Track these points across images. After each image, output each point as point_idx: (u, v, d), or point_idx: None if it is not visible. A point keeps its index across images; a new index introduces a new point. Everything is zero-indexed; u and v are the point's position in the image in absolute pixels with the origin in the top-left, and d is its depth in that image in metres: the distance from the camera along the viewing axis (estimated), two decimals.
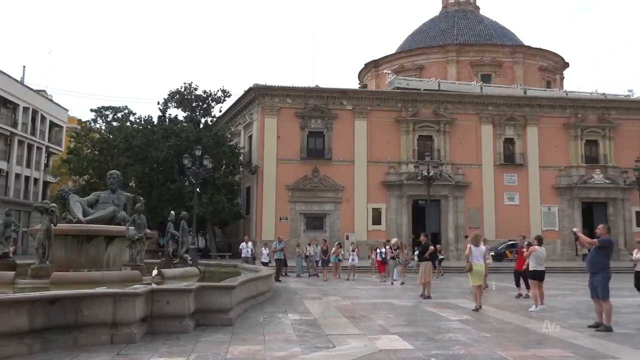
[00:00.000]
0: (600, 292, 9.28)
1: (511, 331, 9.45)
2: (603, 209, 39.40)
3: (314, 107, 37.40)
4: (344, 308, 12.47)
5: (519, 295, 14.62)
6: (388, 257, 21.23)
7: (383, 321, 10.31)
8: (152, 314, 8.35)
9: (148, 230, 12.42)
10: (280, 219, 36.05)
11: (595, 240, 9.62)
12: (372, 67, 52.79)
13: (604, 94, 41.50)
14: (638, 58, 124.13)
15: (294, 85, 37.92)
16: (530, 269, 12.54)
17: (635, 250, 12.92)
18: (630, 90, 42.15)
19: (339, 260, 22.53)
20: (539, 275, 12.32)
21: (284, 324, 9.88)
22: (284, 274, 22.57)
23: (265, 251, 23.10)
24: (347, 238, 34.92)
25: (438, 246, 30.01)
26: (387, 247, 21.44)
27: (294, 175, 36.46)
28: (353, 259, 23.11)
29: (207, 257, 33.86)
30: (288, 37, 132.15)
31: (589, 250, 10.09)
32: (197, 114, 38.20)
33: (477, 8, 56.24)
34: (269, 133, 36.89)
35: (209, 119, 39.19)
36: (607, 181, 38.61)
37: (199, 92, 37.68)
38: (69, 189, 12.89)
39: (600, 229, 9.85)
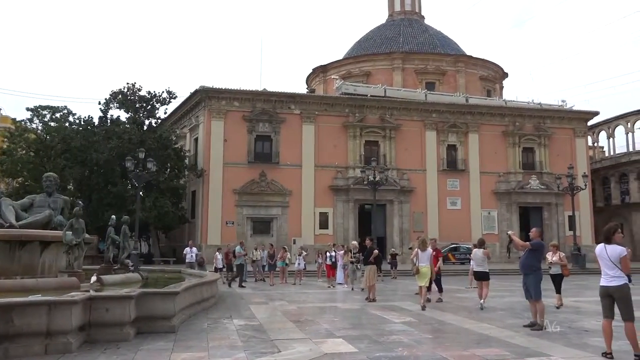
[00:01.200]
0: (532, 292, 9.74)
1: (452, 332, 9.73)
2: (539, 213, 41.31)
3: (261, 110, 37.23)
4: (290, 312, 12.45)
5: (439, 300, 14.48)
6: (341, 262, 21.25)
7: (329, 325, 10.36)
8: (91, 322, 8.04)
9: (87, 235, 11.94)
10: (227, 223, 35.62)
11: (527, 243, 10.10)
12: (320, 72, 53.18)
13: (539, 103, 43.52)
14: (571, 70, 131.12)
15: (241, 89, 37.62)
16: (474, 270, 13.86)
17: (550, 254, 13.63)
18: (563, 101, 44.48)
19: (286, 264, 22.49)
20: (478, 275, 13.63)
21: (229, 329, 9.76)
22: (231, 279, 22.29)
23: (219, 256, 22.79)
24: (294, 242, 34.95)
25: (392, 250, 30.54)
26: (341, 251, 21.37)
27: (241, 179, 36.13)
28: (299, 263, 23.13)
29: (150, 262, 32.97)
30: (236, 41, 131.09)
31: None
32: (141, 115, 37.17)
33: (422, 17, 57.80)
34: (215, 136, 36.40)
35: (154, 121, 38.20)
36: (543, 187, 40.49)
37: (143, 92, 36.65)
38: (0, 192, 12.19)
39: (533, 232, 10.36)
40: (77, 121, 36.14)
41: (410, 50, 50.00)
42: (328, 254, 21.96)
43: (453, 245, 35.58)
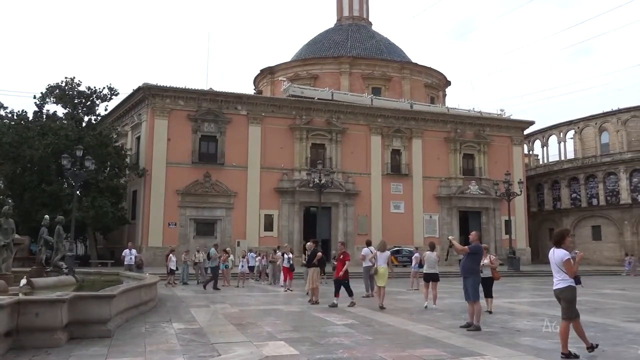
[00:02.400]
0: (470, 294, 10.10)
1: (392, 333, 9.90)
2: (477, 218, 42.81)
3: (207, 110, 36.64)
4: (232, 315, 12.30)
5: (333, 305, 13.76)
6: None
7: (271, 328, 10.32)
8: (18, 327, 7.64)
9: (17, 236, 11.37)
10: (169, 225, 34.78)
11: (466, 247, 10.46)
12: (267, 73, 52.92)
13: (480, 112, 45.10)
14: (509, 81, 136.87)
15: (186, 87, 36.88)
16: (424, 271, 14.83)
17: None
18: (502, 110, 46.23)
19: (228, 267, 22.20)
20: (428, 277, 14.56)
21: (168, 333, 9.53)
22: (171, 282, 21.81)
23: (173, 258, 22.27)
24: (238, 244, 34.58)
25: (334, 252, 30.68)
26: (288, 254, 21.21)
27: (184, 179, 35.38)
28: (243, 266, 22.94)
29: (87, 264, 31.71)
30: (183, 39, 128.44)
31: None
32: (80, 111, 35.70)
33: (370, 24, 58.69)
34: (158, 135, 35.49)
35: (93, 118, 36.82)
36: (481, 192, 41.99)
37: (82, 88, 35.22)
38: None
39: (472, 235, 10.73)
40: (9, 115, 34.23)
41: (358, 55, 50.64)
42: (285, 255, 20.76)
43: (396, 248, 36.25)
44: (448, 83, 57.05)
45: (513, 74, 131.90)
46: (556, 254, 7.61)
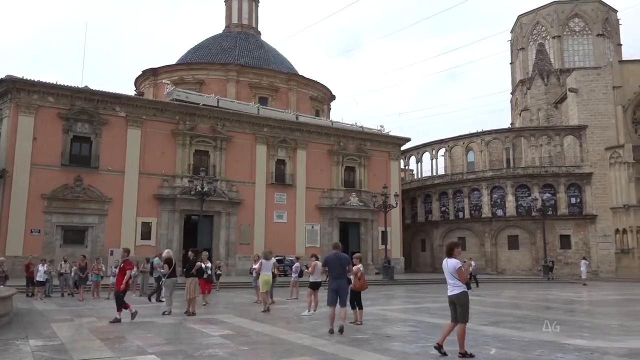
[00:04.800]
0: (344, 299, 10.92)
1: (268, 343, 9.90)
2: (356, 228, 44.45)
3: (81, 109, 34.13)
4: (99, 330, 11.52)
5: (116, 320, 12.68)
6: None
7: (141, 341, 9.81)
8: None
9: None
10: (32, 232, 31.71)
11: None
12: (150, 75, 50.69)
13: (361, 126, 47.01)
14: (388, 99, 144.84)
15: (58, 83, 34.08)
16: (310, 280, 15.15)
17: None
18: (381, 126, 48.62)
19: (100, 277, 20.79)
20: (315, 285, 14.96)
21: (23, 351, 8.67)
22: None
23: (42, 268, 20.09)
24: (112, 254, 32.50)
25: (218, 262, 29.99)
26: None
27: (52, 183, 32.53)
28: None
29: None
30: (57, 32, 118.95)
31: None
32: None
33: (259, 33, 58.82)
34: (23, 134, 32.31)
35: None
36: (361, 204, 43.69)
37: None
38: None
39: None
40: None
41: (246, 63, 50.42)
42: (203, 265, 18.26)
43: (278, 258, 36.37)
44: (333, 97, 58.83)
45: (392, 93, 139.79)
46: (449, 263, 8.42)
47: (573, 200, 44.81)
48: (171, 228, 36.05)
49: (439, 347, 8.33)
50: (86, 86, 35.65)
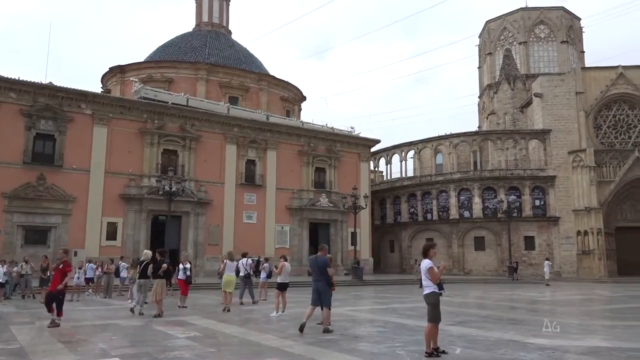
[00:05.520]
0: (324, 300, 11.24)
1: (235, 344, 9.81)
2: (326, 229, 44.51)
3: (44, 106, 33.20)
4: (62, 332, 11.21)
5: (53, 323, 11.90)
6: (127, 275, 19.83)
7: (105, 344, 9.59)
8: None
9: None
10: None
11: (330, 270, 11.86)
12: (117, 72, 49.67)
13: (332, 128, 47.12)
14: (358, 101, 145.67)
15: (20, 79, 33.08)
16: (278, 281, 14.98)
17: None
18: (352, 127, 48.81)
19: None
20: (283, 286, 14.80)
21: None
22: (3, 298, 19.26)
23: (1, 269, 19.48)
24: (76, 254, 31.70)
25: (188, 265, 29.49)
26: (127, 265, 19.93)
27: (13, 181, 31.52)
28: (79, 277, 21.13)
29: None
30: (21, 26, 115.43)
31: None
32: None
33: (229, 32, 58.36)
34: None
35: None
36: (331, 205, 43.79)
37: None
38: None
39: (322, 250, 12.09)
40: None
41: (216, 62, 49.93)
42: (182, 266, 18.12)
43: (253, 258, 36.12)
44: (304, 98, 58.81)
45: (363, 94, 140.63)
46: (423, 264, 8.66)
47: (537, 202, 45.92)
48: (138, 228, 35.39)
49: (429, 354, 8.33)
50: (50, 82, 34.73)
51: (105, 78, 51.87)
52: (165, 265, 14.78)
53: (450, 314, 14.90)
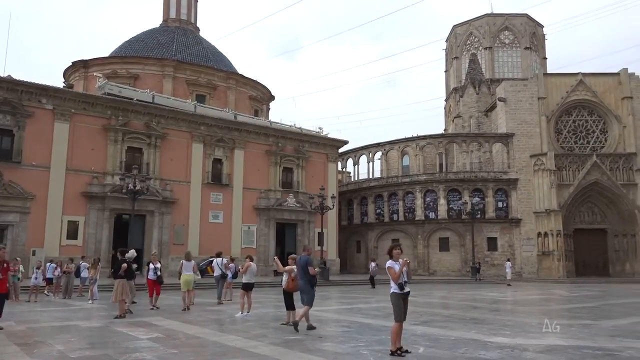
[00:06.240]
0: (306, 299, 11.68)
1: (198, 345, 9.69)
2: (293, 229, 44.45)
3: (2, 100, 32.04)
4: (17, 334, 10.85)
5: None
6: (88, 276, 19.32)
7: (63, 346, 9.33)
8: None
9: None
10: None
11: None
12: (81, 67, 48.38)
13: (300, 128, 47.12)
14: (327, 102, 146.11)
15: None
16: (243, 281, 14.89)
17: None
18: (320, 128, 48.90)
19: (19, 279, 19.60)
20: (249, 287, 14.73)
21: None
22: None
23: None
24: (34, 254, 30.80)
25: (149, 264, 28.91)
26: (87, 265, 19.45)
27: None
28: (37, 278, 20.50)
29: None
30: None
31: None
32: None
33: (197, 29, 57.63)
34: None
35: None
36: (298, 205, 43.76)
37: None
38: None
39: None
40: None
41: (183, 59, 49.21)
42: (152, 266, 17.33)
43: (212, 259, 35.73)
44: (272, 97, 58.58)
45: (331, 95, 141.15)
46: (386, 264, 8.87)
47: (500, 204, 46.98)
48: (100, 227, 34.58)
49: (392, 353, 8.43)
50: (9, 75, 33.62)
51: (67, 73, 50.49)
52: (125, 264, 14.49)
53: (415, 314, 15.09)
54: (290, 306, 12.47)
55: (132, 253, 16.21)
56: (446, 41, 75.53)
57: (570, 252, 44.81)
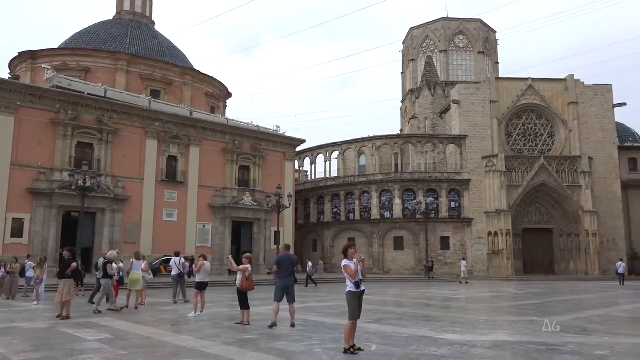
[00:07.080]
0: (293, 296, 11.90)
1: (149, 346, 9.47)
2: (249, 228, 44.14)
3: None
4: None
5: None
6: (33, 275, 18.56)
7: (4, 349, 8.94)
8: None
9: None
10: None
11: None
12: (28, 58, 46.39)
13: (257, 126, 46.76)
14: (284, 100, 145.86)
15: None
16: (197, 280, 14.74)
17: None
18: (277, 126, 48.73)
19: None
20: (202, 286, 14.60)
21: None
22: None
23: None
24: None
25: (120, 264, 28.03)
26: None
27: None
28: None
29: None
30: None
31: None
32: None
33: (153, 23, 56.31)
34: None
35: None
36: (255, 203, 43.48)
37: None
38: None
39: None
40: None
41: (138, 53, 47.98)
42: (115, 265, 16.50)
43: (166, 258, 35.05)
44: (229, 95, 57.95)
45: (289, 94, 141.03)
46: (342, 263, 8.91)
47: (453, 204, 48.13)
48: (47, 225, 33.33)
49: (346, 351, 8.50)
50: None
51: (13, 63, 48.35)
52: (74, 264, 14.00)
53: (369, 312, 15.26)
54: (244, 305, 12.36)
55: (112, 254, 16.10)
56: (403, 43, 76.71)
57: (518, 251, 46.41)
